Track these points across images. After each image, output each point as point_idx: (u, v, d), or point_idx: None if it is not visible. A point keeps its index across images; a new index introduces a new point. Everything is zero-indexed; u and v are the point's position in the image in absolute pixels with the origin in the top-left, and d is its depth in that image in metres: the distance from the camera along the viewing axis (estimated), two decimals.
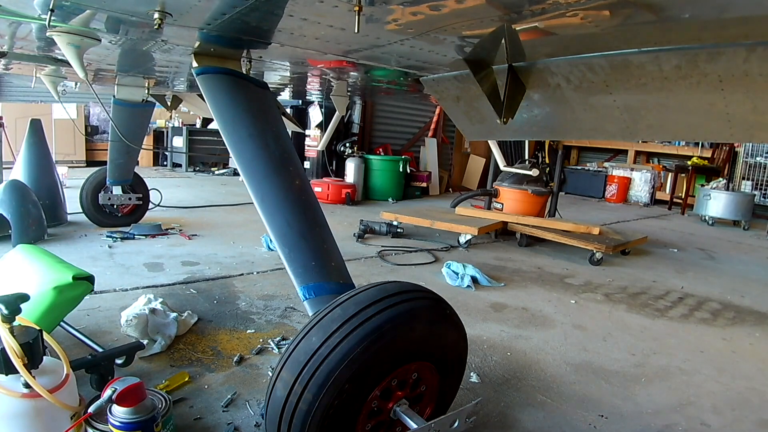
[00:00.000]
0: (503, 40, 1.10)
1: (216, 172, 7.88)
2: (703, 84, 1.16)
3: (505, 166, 4.50)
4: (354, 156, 6.46)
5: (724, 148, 7.55)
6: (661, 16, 0.95)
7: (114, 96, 3.30)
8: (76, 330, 1.77)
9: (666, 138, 2.44)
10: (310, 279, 1.29)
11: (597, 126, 1.56)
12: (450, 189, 7.95)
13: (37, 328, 1.17)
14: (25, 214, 3.10)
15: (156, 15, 1.12)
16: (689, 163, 7.67)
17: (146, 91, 3.37)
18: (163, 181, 6.36)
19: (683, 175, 7.60)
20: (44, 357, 1.18)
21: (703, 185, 7.07)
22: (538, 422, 1.55)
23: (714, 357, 2.20)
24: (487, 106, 1.29)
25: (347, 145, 6.63)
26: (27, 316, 1.26)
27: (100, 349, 1.63)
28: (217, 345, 1.92)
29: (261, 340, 1.99)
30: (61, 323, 1.70)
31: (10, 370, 1.11)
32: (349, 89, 3.17)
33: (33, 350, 1.12)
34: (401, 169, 6.60)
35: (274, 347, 1.93)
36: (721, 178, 7.11)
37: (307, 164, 6.66)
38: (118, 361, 1.69)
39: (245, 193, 1.69)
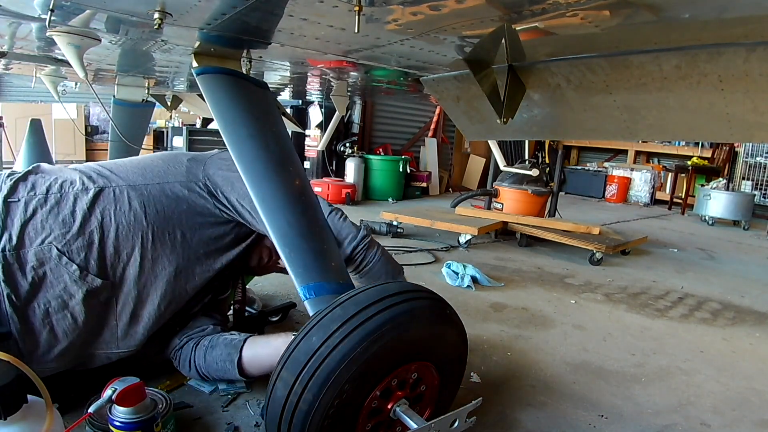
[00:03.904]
0: (503, 40, 1.10)
1: None
2: (703, 84, 1.16)
3: (505, 166, 4.50)
4: (354, 156, 6.46)
5: (724, 148, 7.55)
6: (661, 16, 0.95)
7: (114, 96, 3.30)
8: None
9: (666, 138, 2.44)
10: (311, 279, 1.29)
11: (597, 126, 1.56)
12: (450, 189, 7.95)
13: (14, 363, 0.97)
14: None
15: (156, 15, 1.12)
16: (689, 163, 7.67)
17: (146, 91, 3.36)
18: None
19: (683, 175, 7.60)
20: (28, 396, 1.01)
21: (703, 185, 7.07)
22: (538, 422, 1.55)
23: (714, 357, 2.20)
24: (487, 106, 1.28)
25: (347, 145, 6.63)
26: None
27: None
28: None
29: None
30: None
31: None
32: (349, 89, 3.17)
33: (10, 394, 0.96)
34: (401, 169, 6.60)
35: None
36: (721, 178, 7.11)
37: (307, 164, 6.66)
38: (273, 318, 2.07)
39: None
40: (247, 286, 2.19)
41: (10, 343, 1.27)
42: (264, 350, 1.45)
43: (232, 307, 1.83)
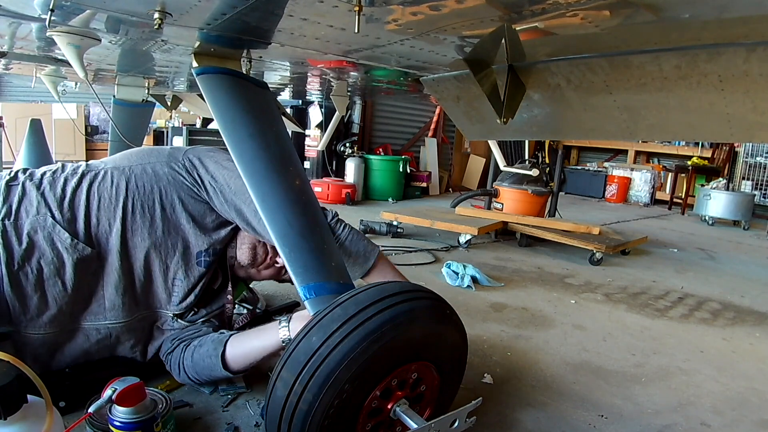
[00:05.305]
0: (503, 40, 1.10)
1: None
2: (703, 84, 1.16)
3: (505, 166, 4.49)
4: (354, 156, 6.46)
5: (724, 148, 7.55)
6: (661, 16, 0.95)
7: (114, 96, 3.30)
8: None
9: (666, 138, 2.44)
10: (311, 279, 1.29)
11: (597, 126, 1.56)
12: (450, 189, 7.95)
13: (14, 363, 0.96)
14: None
15: (156, 15, 1.12)
16: (689, 163, 7.67)
17: (146, 91, 3.37)
18: None
19: (683, 175, 7.60)
20: (28, 396, 1.00)
21: (703, 185, 7.07)
22: (538, 422, 1.55)
23: (714, 357, 2.20)
24: (487, 106, 1.29)
25: (347, 145, 6.63)
26: None
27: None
28: None
29: None
30: None
31: None
32: (349, 89, 3.17)
33: (9, 394, 0.95)
34: (401, 169, 6.60)
35: None
36: (721, 178, 7.11)
37: (307, 164, 6.66)
38: (277, 318, 1.99)
39: None
40: (250, 285, 2.21)
41: (8, 344, 1.28)
42: (247, 343, 1.45)
43: (236, 306, 1.84)
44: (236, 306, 1.84)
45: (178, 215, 1.50)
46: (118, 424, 1.12)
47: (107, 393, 1.09)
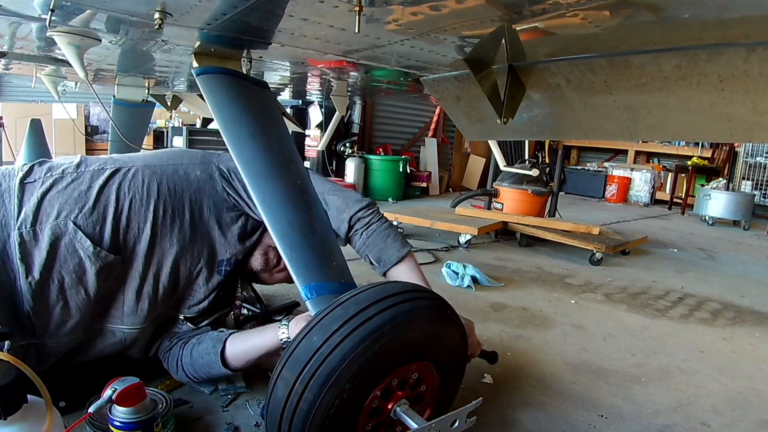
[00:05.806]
0: (503, 40, 1.11)
1: None
2: (703, 84, 1.16)
3: (505, 166, 4.49)
4: (354, 156, 6.47)
5: (724, 148, 7.55)
6: (661, 16, 0.96)
7: (114, 96, 3.30)
8: None
9: (666, 138, 2.44)
10: (312, 278, 1.29)
11: (597, 126, 1.57)
12: (450, 189, 7.95)
13: (14, 363, 0.96)
14: None
15: (156, 15, 1.12)
16: (689, 163, 7.67)
17: (146, 91, 3.37)
18: None
19: (683, 175, 7.60)
20: (28, 396, 1.00)
21: (703, 185, 7.07)
22: (538, 422, 1.55)
23: (714, 357, 2.20)
24: (487, 106, 1.29)
25: (347, 145, 6.63)
26: None
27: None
28: None
29: None
30: None
31: None
32: (349, 89, 3.18)
33: (9, 394, 0.95)
34: (401, 169, 6.60)
35: None
36: (721, 178, 7.11)
37: (307, 164, 6.62)
38: (277, 318, 1.98)
39: None
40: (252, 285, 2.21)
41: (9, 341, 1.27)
42: (247, 341, 1.44)
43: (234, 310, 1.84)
44: (231, 312, 1.83)
45: (206, 222, 1.46)
46: (118, 424, 1.12)
47: (107, 393, 1.09)
